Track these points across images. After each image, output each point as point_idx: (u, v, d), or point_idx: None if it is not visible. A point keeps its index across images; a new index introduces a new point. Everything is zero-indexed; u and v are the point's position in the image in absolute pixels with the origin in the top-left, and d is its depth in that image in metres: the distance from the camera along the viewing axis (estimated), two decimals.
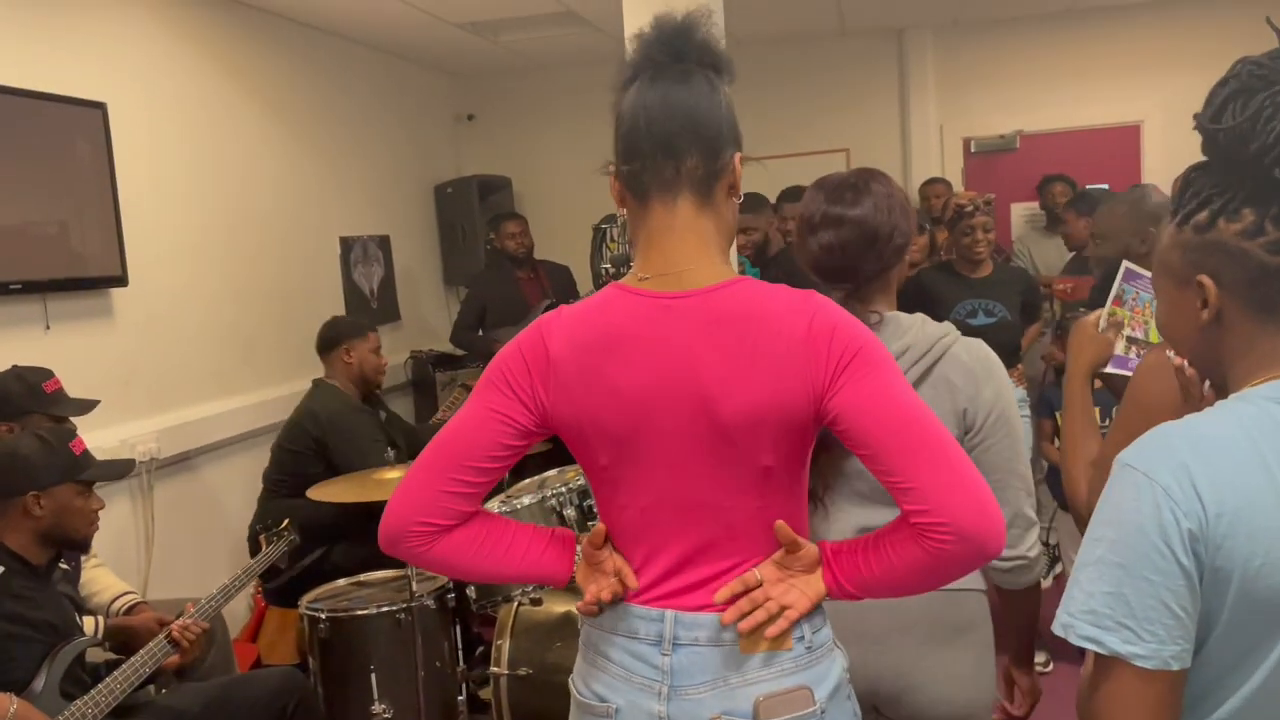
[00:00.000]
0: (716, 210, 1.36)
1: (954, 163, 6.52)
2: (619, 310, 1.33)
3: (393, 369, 5.60)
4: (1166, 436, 1.10)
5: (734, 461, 1.28)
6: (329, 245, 5.20)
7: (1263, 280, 1.09)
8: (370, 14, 4.98)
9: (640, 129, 1.33)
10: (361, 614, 3.08)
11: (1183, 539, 1.03)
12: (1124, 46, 6.24)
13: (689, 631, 1.30)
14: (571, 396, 1.32)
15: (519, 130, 6.78)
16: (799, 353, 1.25)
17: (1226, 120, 1.09)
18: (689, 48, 1.35)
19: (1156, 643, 1.05)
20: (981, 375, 1.71)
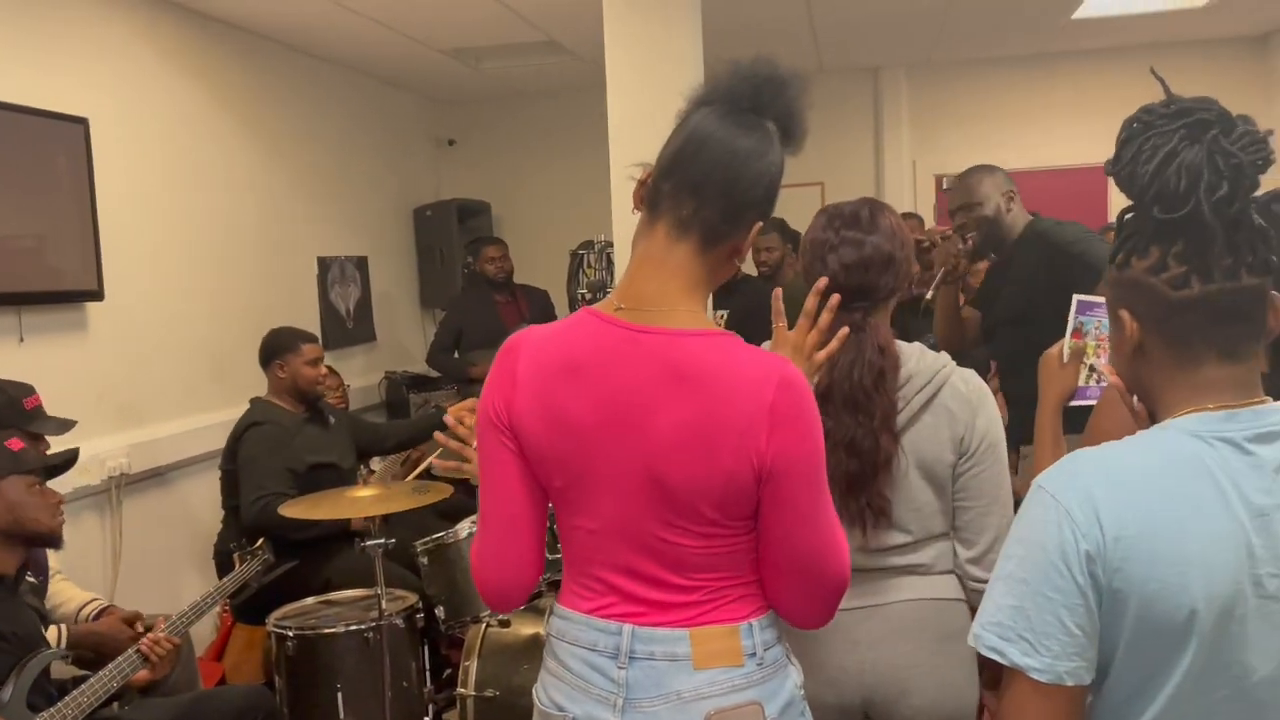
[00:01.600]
0: (714, 262, 1.35)
1: (926, 198, 6.63)
2: (586, 335, 1.34)
3: (367, 389, 5.63)
4: (1078, 462, 1.16)
5: (676, 508, 1.30)
6: (306, 265, 5.21)
7: (1171, 314, 1.14)
8: (354, 38, 5.03)
9: (685, 155, 1.33)
10: (329, 632, 3.07)
11: (1080, 559, 1.08)
12: (1091, 91, 6.39)
13: (645, 646, 1.33)
14: (530, 418, 1.35)
15: (499, 156, 6.83)
16: (754, 427, 1.26)
17: (1118, 165, 1.17)
18: (776, 104, 1.36)
19: (1051, 657, 1.09)
20: (976, 403, 1.78)
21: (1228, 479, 1.09)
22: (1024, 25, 5.60)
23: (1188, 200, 1.10)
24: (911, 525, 1.78)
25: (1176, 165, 1.10)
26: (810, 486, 1.30)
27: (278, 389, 3.75)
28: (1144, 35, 6.00)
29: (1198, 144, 1.11)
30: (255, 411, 3.67)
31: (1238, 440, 1.10)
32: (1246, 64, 6.18)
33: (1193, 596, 1.06)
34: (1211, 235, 1.10)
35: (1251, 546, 1.08)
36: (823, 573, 1.33)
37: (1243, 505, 1.08)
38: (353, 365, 5.54)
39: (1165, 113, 1.14)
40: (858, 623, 1.76)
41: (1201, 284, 1.12)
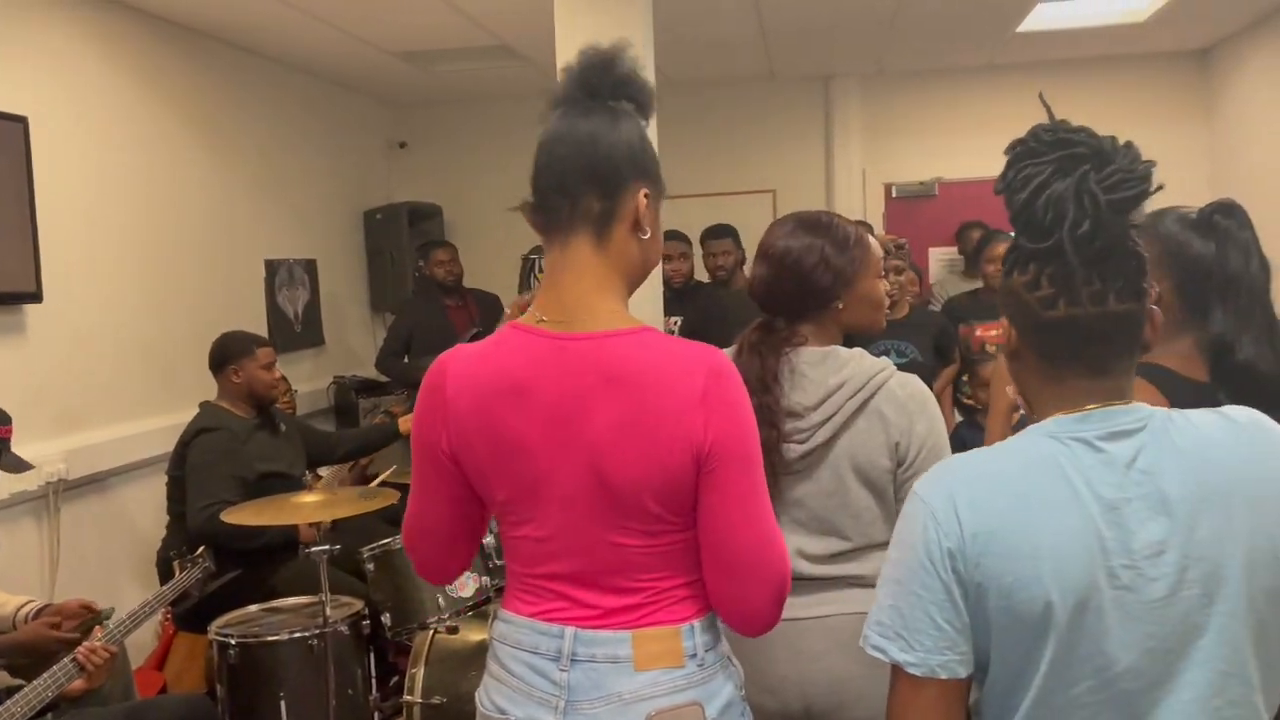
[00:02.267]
0: (617, 249, 1.37)
1: (876, 207, 6.70)
2: (515, 350, 1.35)
3: (315, 394, 5.56)
4: (947, 465, 1.24)
5: (621, 507, 1.32)
6: (254, 267, 5.15)
7: (1041, 330, 1.20)
8: (304, 39, 4.98)
9: (542, 164, 1.37)
10: (272, 640, 3.03)
11: (943, 557, 1.15)
12: (1035, 103, 6.47)
13: (587, 648, 1.34)
14: (467, 437, 1.37)
15: (451, 159, 6.80)
16: (688, 416, 1.28)
17: (1000, 186, 1.21)
18: (606, 82, 1.38)
19: (924, 651, 1.16)
20: (915, 410, 1.79)
21: (1079, 476, 1.14)
22: (971, 37, 5.69)
23: (1052, 233, 1.14)
24: (850, 532, 1.80)
25: (1045, 198, 1.15)
26: (745, 471, 1.31)
27: (231, 394, 3.69)
28: (1088, 49, 6.13)
29: (1068, 178, 1.14)
30: (205, 417, 3.61)
31: (1089, 439, 1.16)
32: (1188, 78, 6.33)
33: (1046, 588, 1.12)
34: (1073, 267, 1.15)
35: (1103, 539, 1.12)
36: (762, 562, 1.32)
37: (1094, 500, 1.13)
38: (300, 370, 5.48)
39: (1046, 140, 1.18)
40: (800, 634, 1.77)
41: (1068, 307, 1.16)
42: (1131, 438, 1.16)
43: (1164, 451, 1.15)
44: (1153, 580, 1.12)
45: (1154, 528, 1.12)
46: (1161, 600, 1.12)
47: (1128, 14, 5.30)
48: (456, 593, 3.14)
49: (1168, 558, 1.12)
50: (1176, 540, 1.12)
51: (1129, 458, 1.15)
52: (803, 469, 1.79)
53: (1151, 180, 1.14)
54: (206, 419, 3.58)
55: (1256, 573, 1.12)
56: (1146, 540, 1.12)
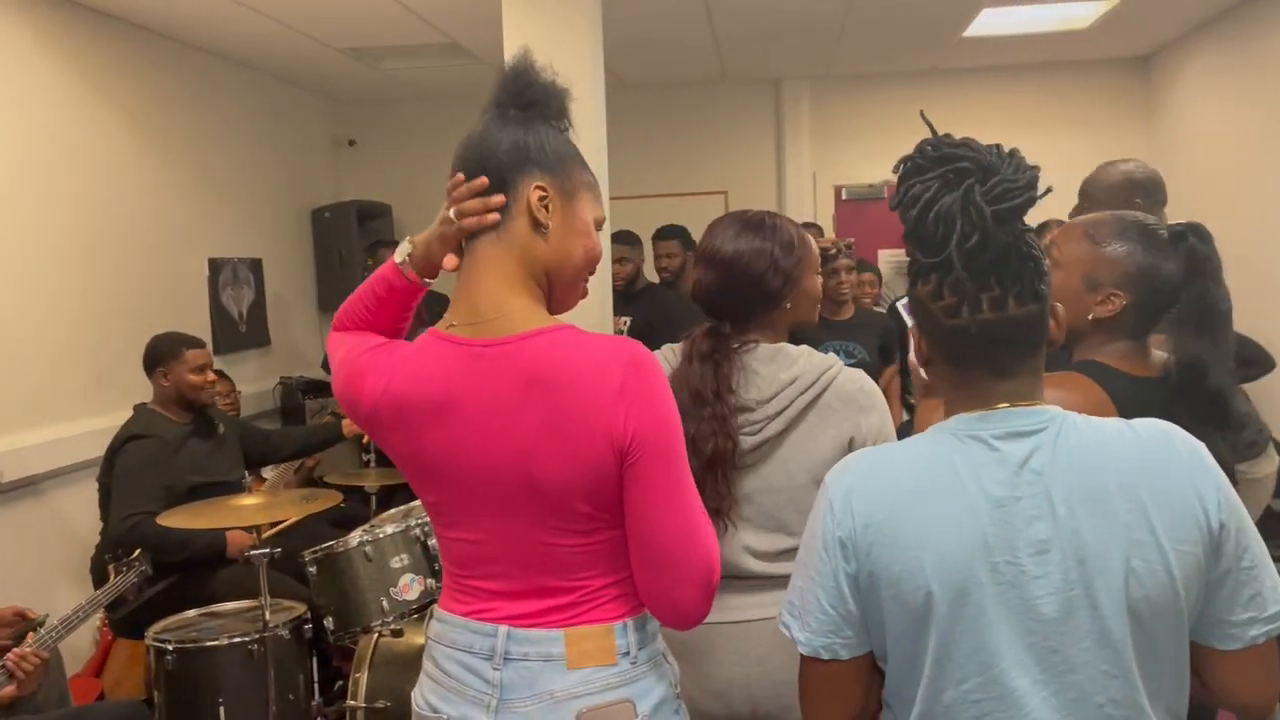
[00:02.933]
0: (518, 244, 1.36)
1: (826, 209, 6.75)
2: (433, 360, 1.36)
3: (260, 395, 5.48)
4: (855, 458, 1.30)
5: (552, 508, 1.32)
6: (196, 266, 5.06)
7: (947, 336, 1.22)
8: (249, 35, 4.91)
9: (453, 166, 1.41)
10: (211, 645, 2.98)
11: (834, 545, 1.21)
12: (983, 106, 6.60)
13: (520, 647, 1.34)
14: (391, 442, 1.38)
15: (401, 157, 6.73)
16: (606, 412, 1.28)
17: (894, 202, 1.23)
18: (508, 92, 1.41)
19: (810, 633, 1.24)
20: (865, 404, 1.82)
21: (970, 472, 1.17)
22: (918, 41, 5.75)
23: (944, 247, 1.16)
24: (798, 528, 1.79)
25: (934, 214, 1.17)
26: (667, 463, 1.30)
27: (162, 397, 3.61)
28: (1032, 55, 6.22)
29: (954, 192, 1.16)
30: (137, 422, 3.53)
31: (985, 438, 1.19)
32: (1129, 83, 6.45)
33: (928, 578, 1.15)
34: (963, 279, 1.17)
35: (986, 535, 1.15)
36: (686, 555, 1.31)
37: (981, 496, 1.16)
38: (245, 370, 5.39)
39: (930, 156, 1.20)
40: (746, 636, 1.77)
41: (970, 314, 1.19)
42: (1028, 438, 1.18)
43: (1058, 453, 1.17)
44: (1035, 578, 1.14)
45: (1040, 527, 1.14)
46: (1042, 598, 1.14)
47: (1071, 21, 5.39)
48: (401, 595, 3.10)
49: (1051, 557, 1.14)
50: (1060, 540, 1.14)
51: (1022, 458, 1.17)
52: (753, 462, 1.80)
53: (1036, 187, 1.16)
54: (138, 425, 3.50)
55: (1139, 579, 1.13)
56: (1031, 539, 1.14)
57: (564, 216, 1.39)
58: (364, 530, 3.24)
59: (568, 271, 1.41)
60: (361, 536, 3.20)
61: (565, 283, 1.42)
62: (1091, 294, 1.68)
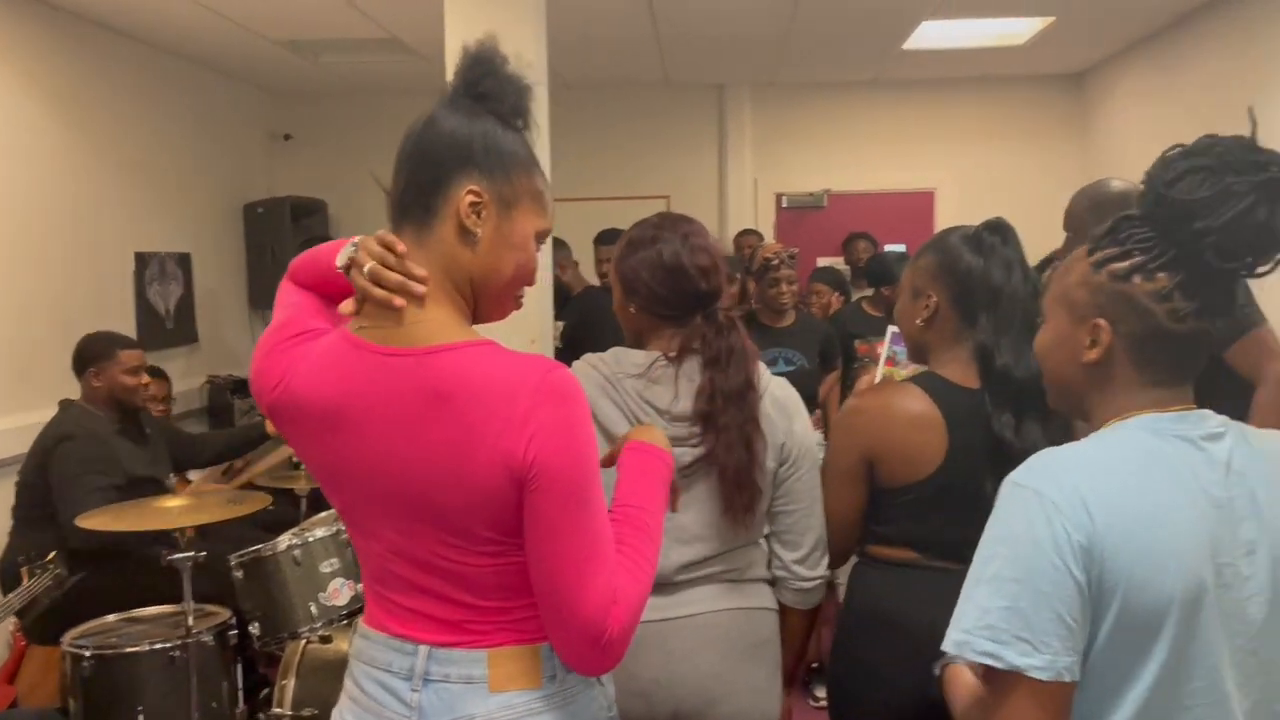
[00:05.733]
0: (442, 249, 1.26)
1: (767, 216, 6.80)
2: (334, 363, 1.28)
3: (188, 393, 5.34)
4: (1053, 457, 1.18)
5: (453, 530, 1.24)
6: (122, 260, 4.90)
7: (1153, 340, 1.18)
8: (182, 24, 4.77)
9: (396, 156, 1.31)
10: (131, 651, 2.88)
11: (1074, 551, 1.09)
12: (923, 118, 6.70)
13: (440, 668, 1.27)
14: (297, 441, 1.32)
15: (338, 153, 6.62)
16: (507, 437, 1.18)
17: (1180, 190, 1.14)
18: (465, 80, 1.30)
19: (1052, 654, 1.09)
20: (793, 411, 1.82)
21: (1190, 473, 1.14)
22: (859, 53, 5.81)
23: (1241, 257, 1.13)
24: (725, 536, 1.79)
25: (1252, 223, 1.12)
26: (566, 501, 1.19)
27: (93, 397, 3.49)
28: (969, 69, 6.33)
29: (1271, 206, 1.12)
30: (67, 421, 3.40)
31: (1193, 438, 1.16)
32: (1064, 99, 6.59)
33: (1171, 585, 1.10)
34: (1223, 286, 1.15)
35: (1215, 538, 1.13)
36: (574, 607, 1.20)
37: (1205, 498, 1.14)
38: (173, 368, 5.23)
39: (1240, 157, 1.14)
40: (672, 634, 1.75)
41: (1197, 321, 1.16)
42: (1223, 440, 1.18)
43: (1251, 455, 1.17)
44: (1246, 579, 1.14)
45: (1248, 527, 1.15)
46: (1251, 599, 1.14)
47: (1007, 37, 5.49)
48: (330, 601, 3.03)
49: (1258, 557, 1.14)
50: (1265, 540, 1.15)
51: (1226, 458, 1.16)
52: (691, 474, 1.76)
53: None
54: (67, 424, 3.38)
55: None
56: (1242, 539, 1.14)
57: (498, 226, 1.27)
58: (293, 534, 3.16)
59: (494, 285, 1.29)
60: (290, 540, 3.12)
61: (491, 296, 1.31)
62: (916, 303, 1.80)
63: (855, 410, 1.78)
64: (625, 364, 1.77)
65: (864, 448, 1.76)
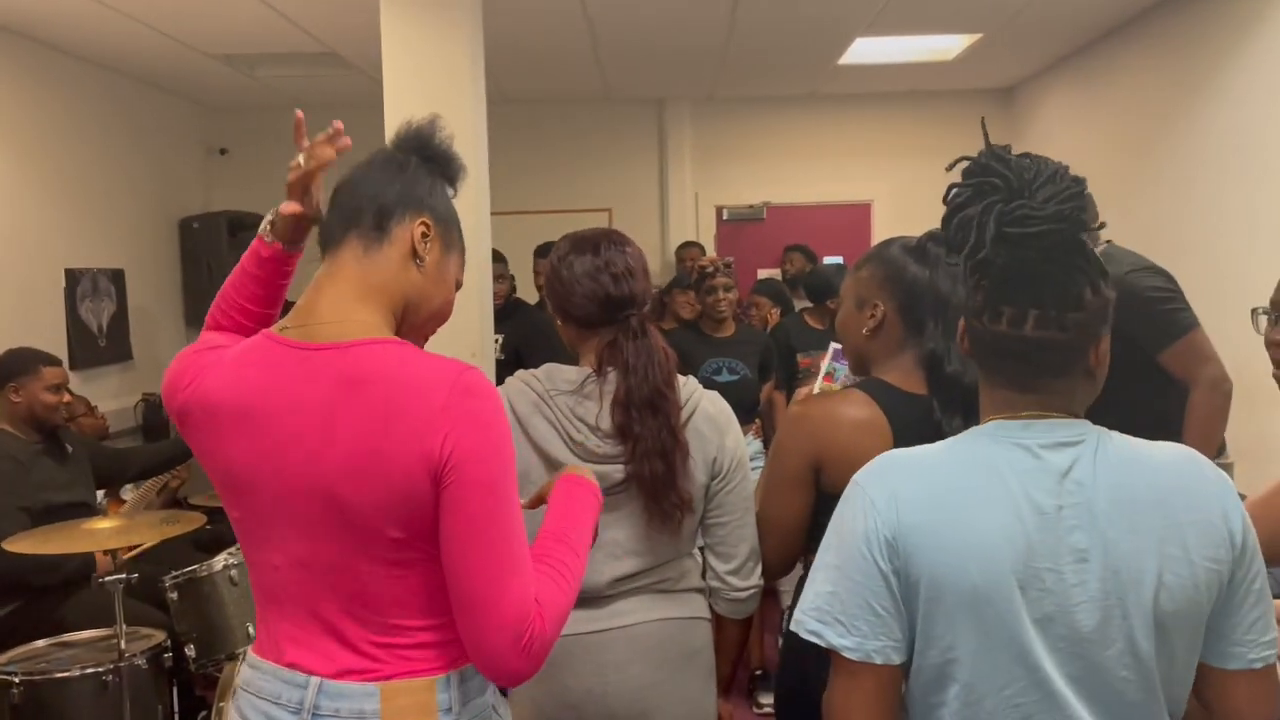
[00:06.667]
0: (383, 267, 1.32)
1: (708, 228, 6.85)
2: (252, 360, 1.28)
3: (121, 412, 5.23)
4: (889, 459, 1.28)
5: (360, 531, 1.22)
6: (52, 277, 4.80)
7: (972, 338, 1.28)
8: (112, 37, 4.70)
9: (341, 182, 1.38)
10: (61, 676, 2.80)
11: (880, 545, 1.19)
12: (859, 131, 6.81)
13: (331, 701, 1.24)
14: (196, 445, 1.30)
15: (275, 167, 6.38)
16: (424, 430, 1.19)
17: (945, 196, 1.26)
18: (413, 147, 1.41)
19: (860, 637, 1.19)
20: (724, 425, 1.82)
21: (1015, 479, 1.19)
22: (796, 68, 5.89)
23: (959, 252, 1.23)
24: (658, 550, 1.79)
25: (957, 220, 1.23)
26: (485, 495, 1.20)
27: (11, 415, 3.40)
28: (903, 83, 6.45)
29: (978, 204, 1.22)
30: None
31: (1030, 446, 1.20)
32: (994, 113, 6.73)
33: (972, 581, 1.16)
34: (987, 287, 1.24)
35: (1031, 541, 1.17)
36: (495, 599, 1.18)
37: (1026, 503, 1.18)
38: (105, 386, 5.14)
39: (979, 165, 1.25)
40: (603, 645, 1.75)
41: (989, 322, 1.24)
42: (1070, 449, 1.20)
43: (1098, 466, 1.19)
44: (1073, 586, 1.16)
45: (1080, 536, 1.17)
46: (1080, 605, 1.16)
47: (937, 52, 5.61)
48: None
49: (1090, 566, 1.17)
50: (1099, 550, 1.17)
51: (1064, 468, 1.19)
52: (622, 490, 1.76)
53: (1065, 221, 1.17)
54: None
55: (1169, 592, 1.17)
56: (1072, 547, 1.17)
57: (439, 260, 1.37)
58: (229, 553, 3.11)
59: (423, 312, 1.37)
60: (227, 560, 3.08)
61: (418, 322, 1.37)
62: (861, 312, 1.82)
63: (800, 416, 1.79)
64: (557, 380, 1.77)
65: (809, 453, 1.75)
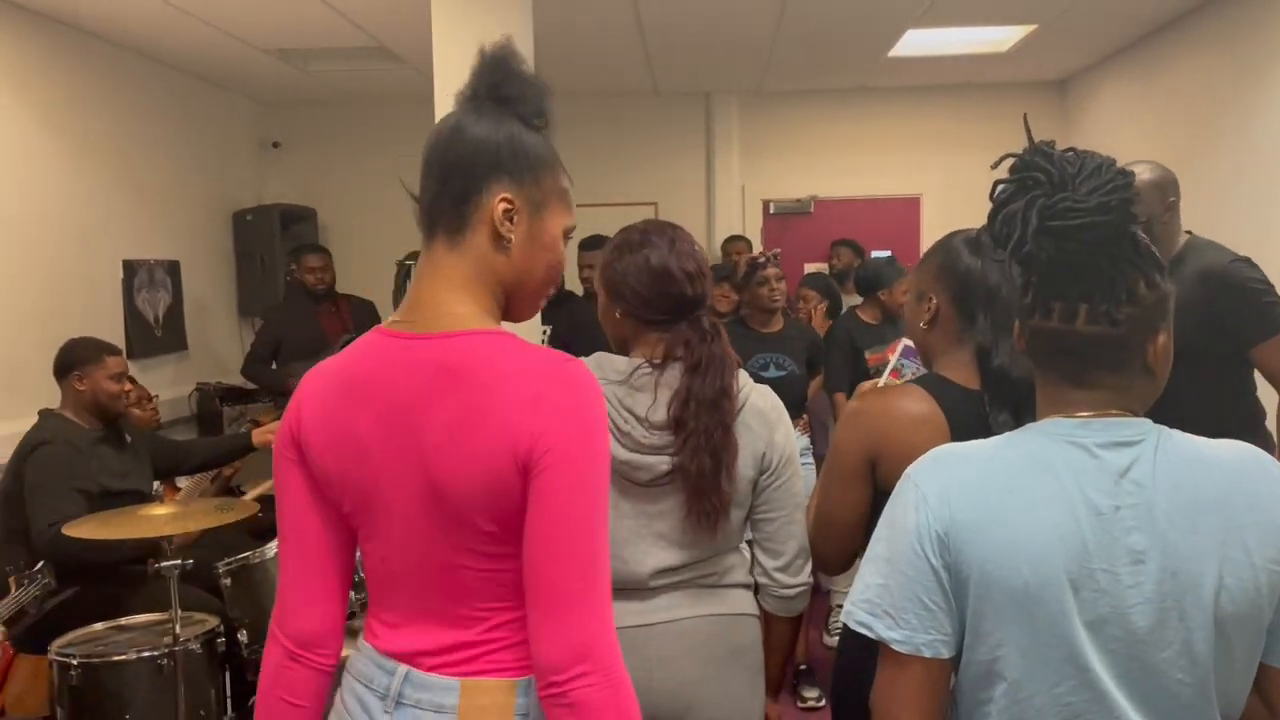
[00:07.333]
0: (475, 255, 1.26)
1: (754, 222, 6.83)
2: (367, 352, 1.29)
3: (176, 401, 5.34)
4: (942, 453, 1.27)
5: (455, 522, 1.21)
6: (110, 268, 4.91)
7: (1027, 334, 1.26)
8: (171, 33, 4.79)
9: (422, 161, 1.30)
10: (118, 660, 2.88)
11: (932, 540, 1.19)
12: (908, 125, 6.74)
13: (415, 692, 1.24)
14: (315, 442, 1.29)
15: (326, 161, 6.63)
16: (516, 418, 1.17)
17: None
18: (484, 84, 1.29)
19: (910, 630, 1.19)
20: (775, 420, 1.82)
21: (1070, 477, 1.17)
22: (847, 60, 5.85)
23: (1004, 247, 1.21)
24: (709, 544, 1.79)
25: (1002, 215, 1.22)
26: (575, 490, 1.16)
27: (75, 403, 3.48)
28: (954, 76, 6.37)
29: (1021, 199, 1.21)
30: (44, 428, 3.40)
31: (1087, 445, 1.19)
32: (1047, 106, 6.63)
33: (1023, 579, 1.15)
34: (1036, 283, 1.23)
35: (1085, 541, 1.15)
36: (569, 600, 1.15)
37: (1082, 503, 1.16)
38: (161, 375, 5.25)
39: (1024, 161, 1.24)
40: (650, 639, 1.75)
41: (1041, 318, 1.23)
42: (1129, 449, 1.19)
43: (1158, 466, 1.18)
44: (1129, 587, 1.15)
45: (1137, 537, 1.15)
46: (1135, 607, 1.15)
47: (991, 44, 5.53)
48: None
49: (1146, 568, 1.15)
50: (1157, 552, 1.15)
51: (1123, 467, 1.18)
52: (668, 482, 1.77)
53: (1110, 212, 1.15)
54: (45, 430, 3.37)
55: (1229, 595, 1.15)
56: (1128, 548, 1.15)
57: (529, 229, 1.28)
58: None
59: (528, 287, 1.32)
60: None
61: (525, 297, 1.33)
62: (919, 305, 1.80)
63: (858, 411, 1.76)
64: (607, 370, 1.78)
65: (866, 447, 1.73)
